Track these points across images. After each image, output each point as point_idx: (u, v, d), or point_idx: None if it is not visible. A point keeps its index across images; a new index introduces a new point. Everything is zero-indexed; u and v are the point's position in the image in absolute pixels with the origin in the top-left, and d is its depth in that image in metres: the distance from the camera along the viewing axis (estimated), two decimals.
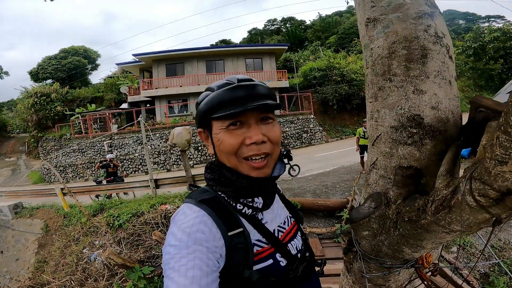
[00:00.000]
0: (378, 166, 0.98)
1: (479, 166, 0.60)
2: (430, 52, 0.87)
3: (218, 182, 0.76)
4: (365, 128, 7.62)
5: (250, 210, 0.75)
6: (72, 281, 4.64)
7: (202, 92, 0.79)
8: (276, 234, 0.78)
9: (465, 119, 0.90)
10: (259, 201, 0.77)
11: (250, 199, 0.76)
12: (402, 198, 0.86)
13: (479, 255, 3.85)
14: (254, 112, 0.71)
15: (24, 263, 6.58)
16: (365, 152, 7.74)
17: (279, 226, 0.81)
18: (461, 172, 0.87)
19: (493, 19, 31.78)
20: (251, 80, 0.76)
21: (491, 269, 3.67)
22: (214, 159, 0.81)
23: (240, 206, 0.74)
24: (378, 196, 0.92)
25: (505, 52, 19.94)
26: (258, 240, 0.73)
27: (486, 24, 27.17)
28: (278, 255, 0.74)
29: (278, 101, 0.79)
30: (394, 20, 0.92)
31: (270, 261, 0.72)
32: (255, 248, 0.71)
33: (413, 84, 0.87)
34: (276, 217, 0.82)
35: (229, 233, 0.67)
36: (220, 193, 0.75)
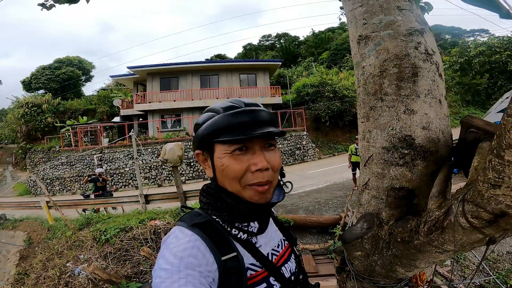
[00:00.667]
0: (370, 187, 0.98)
1: (471, 188, 0.59)
2: (420, 70, 0.87)
3: (214, 206, 0.74)
4: (357, 145, 7.67)
5: (246, 235, 0.74)
6: None
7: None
8: (269, 258, 0.77)
9: (454, 136, 0.91)
10: (254, 226, 0.76)
11: (246, 224, 0.75)
12: (395, 219, 0.85)
13: (474, 271, 3.84)
14: (260, 138, 0.70)
15: (4, 275, 6.37)
16: (357, 168, 7.76)
17: (272, 249, 0.81)
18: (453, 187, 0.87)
19: (477, 32, 32.17)
20: (257, 105, 0.76)
21: (486, 281, 3.65)
22: (209, 181, 0.80)
23: (235, 231, 0.73)
24: (371, 217, 0.92)
25: (490, 66, 19.71)
26: (252, 264, 0.72)
27: (472, 38, 27.56)
28: (271, 279, 0.73)
29: (280, 128, 0.79)
30: (386, 37, 0.93)
31: (264, 285, 0.71)
32: (249, 272, 0.70)
33: (404, 103, 0.87)
34: (270, 240, 0.82)
35: (223, 258, 0.66)
36: (214, 217, 0.74)
